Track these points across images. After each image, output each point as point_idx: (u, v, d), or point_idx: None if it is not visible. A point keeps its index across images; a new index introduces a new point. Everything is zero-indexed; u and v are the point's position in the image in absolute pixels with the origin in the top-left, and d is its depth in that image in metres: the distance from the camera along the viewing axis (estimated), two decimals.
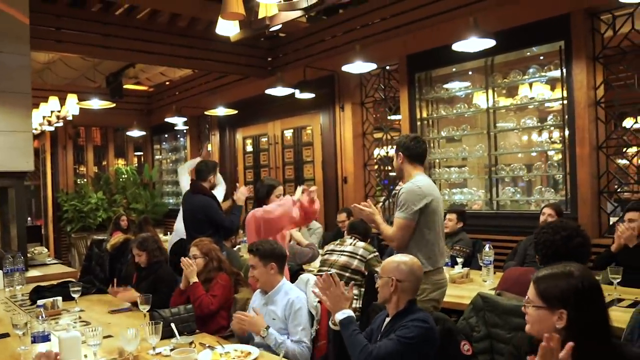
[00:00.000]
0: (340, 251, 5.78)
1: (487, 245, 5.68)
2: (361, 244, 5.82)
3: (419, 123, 8.17)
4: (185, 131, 13.74)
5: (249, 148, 11.68)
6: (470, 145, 7.95)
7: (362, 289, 5.47)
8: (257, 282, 4.24)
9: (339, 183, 9.43)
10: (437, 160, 8.24)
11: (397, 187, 5.02)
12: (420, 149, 4.35)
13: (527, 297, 2.46)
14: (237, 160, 11.94)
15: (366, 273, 5.59)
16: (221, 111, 10.61)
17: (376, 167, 9.35)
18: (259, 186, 5.36)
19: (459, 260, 6.06)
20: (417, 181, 4.25)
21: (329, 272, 3.73)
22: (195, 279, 4.71)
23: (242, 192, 6.28)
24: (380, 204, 8.64)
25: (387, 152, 9.11)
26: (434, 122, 8.26)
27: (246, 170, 11.74)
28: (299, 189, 5.28)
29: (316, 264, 6.40)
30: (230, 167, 12.03)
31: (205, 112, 10.96)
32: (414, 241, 4.20)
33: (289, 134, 10.66)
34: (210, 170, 6.44)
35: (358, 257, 5.69)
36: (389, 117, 9.03)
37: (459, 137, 8.09)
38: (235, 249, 7.49)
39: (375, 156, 9.43)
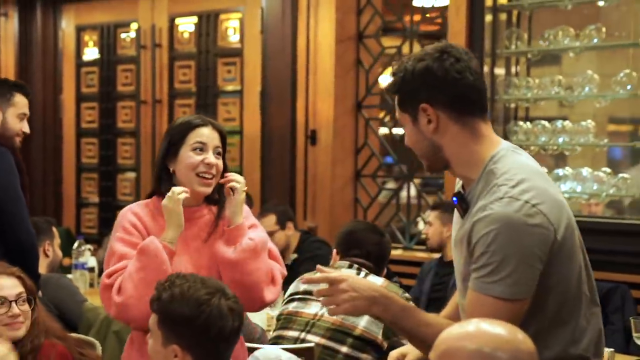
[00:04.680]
0: None
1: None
2: (376, 279, 4.23)
3: (488, 17, 6.62)
4: None
5: (91, 53, 9.35)
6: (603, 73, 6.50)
7: None
8: None
9: (299, 145, 7.68)
10: (523, 104, 6.68)
11: (467, 192, 2.59)
12: (475, 75, 2.48)
13: None
14: (60, 81, 9.52)
15: (385, 347, 4.04)
16: None
17: (382, 114, 7.71)
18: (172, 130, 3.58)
19: None
20: (518, 182, 2.46)
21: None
22: None
23: None
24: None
25: None
26: (521, 17, 6.79)
27: (81, 103, 9.36)
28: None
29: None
30: (45, 96, 9.44)
31: None
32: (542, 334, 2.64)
33: (186, 26, 8.65)
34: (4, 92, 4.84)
35: None
36: (415, 3, 7.51)
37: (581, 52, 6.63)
38: (70, 276, 5.90)
39: (382, 87, 7.61)
